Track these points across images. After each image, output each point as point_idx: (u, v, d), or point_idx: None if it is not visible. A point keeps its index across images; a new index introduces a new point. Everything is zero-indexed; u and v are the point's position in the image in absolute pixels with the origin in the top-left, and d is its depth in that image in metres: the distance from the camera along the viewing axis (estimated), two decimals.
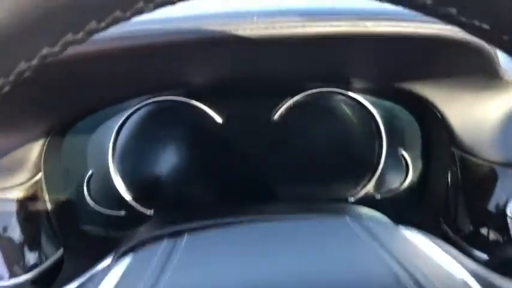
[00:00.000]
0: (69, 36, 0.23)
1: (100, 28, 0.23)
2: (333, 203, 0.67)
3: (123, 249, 0.47)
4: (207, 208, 0.67)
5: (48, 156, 0.64)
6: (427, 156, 0.72)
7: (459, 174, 0.65)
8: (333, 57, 0.58)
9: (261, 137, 0.71)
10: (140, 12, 0.22)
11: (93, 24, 0.23)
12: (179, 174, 0.71)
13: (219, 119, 0.70)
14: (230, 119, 0.70)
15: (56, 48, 0.24)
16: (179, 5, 0.22)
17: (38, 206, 0.64)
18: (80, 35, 0.23)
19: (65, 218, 0.69)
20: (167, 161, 0.71)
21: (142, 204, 0.71)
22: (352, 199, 0.72)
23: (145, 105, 0.68)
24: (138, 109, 0.68)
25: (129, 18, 0.23)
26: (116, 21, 0.23)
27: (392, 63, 0.59)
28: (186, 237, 0.43)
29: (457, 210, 0.67)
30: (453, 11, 0.24)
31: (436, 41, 0.50)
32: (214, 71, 0.61)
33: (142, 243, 0.46)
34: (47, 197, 0.65)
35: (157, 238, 0.47)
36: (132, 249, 0.45)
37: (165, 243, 0.44)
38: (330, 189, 0.73)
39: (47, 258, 0.64)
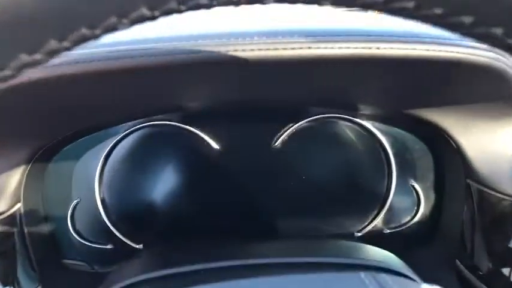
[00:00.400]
0: (23, 57, 0.18)
1: (62, 48, 0.18)
2: (339, 241, 0.62)
3: None
4: (200, 244, 0.62)
5: (29, 185, 0.60)
6: (440, 188, 0.68)
7: (476, 208, 0.61)
8: (340, 81, 0.53)
9: (261, 165, 0.66)
10: (112, 29, 0.18)
11: (53, 44, 0.18)
12: (171, 206, 0.66)
13: (215, 145, 0.65)
14: (227, 145, 0.65)
15: (7, 72, 0.19)
16: (160, 20, 0.18)
17: (16, 239, 0.59)
18: (37, 55, 0.18)
19: (45, 251, 0.64)
20: (158, 190, 0.66)
21: (130, 238, 0.66)
22: (358, 234, 0.67)
23: (136, 130, 0.63)
24: (128, 134, 0.64)
25: (98, 36, 0.18)
26: (81, 40, 0.18)
27: (404, 88, 0.56)
28: None
29: (474, 247, 0.62)
30: (498, 31, 0.20)
31: (453, 65, 0.47)
32: (210, 94, 0.57)
33: None
34: (25, 229, 0.60)
35: (145, 283, 0.42)
36: None
37: None
38: (335, 223, 0.68)
39: None
